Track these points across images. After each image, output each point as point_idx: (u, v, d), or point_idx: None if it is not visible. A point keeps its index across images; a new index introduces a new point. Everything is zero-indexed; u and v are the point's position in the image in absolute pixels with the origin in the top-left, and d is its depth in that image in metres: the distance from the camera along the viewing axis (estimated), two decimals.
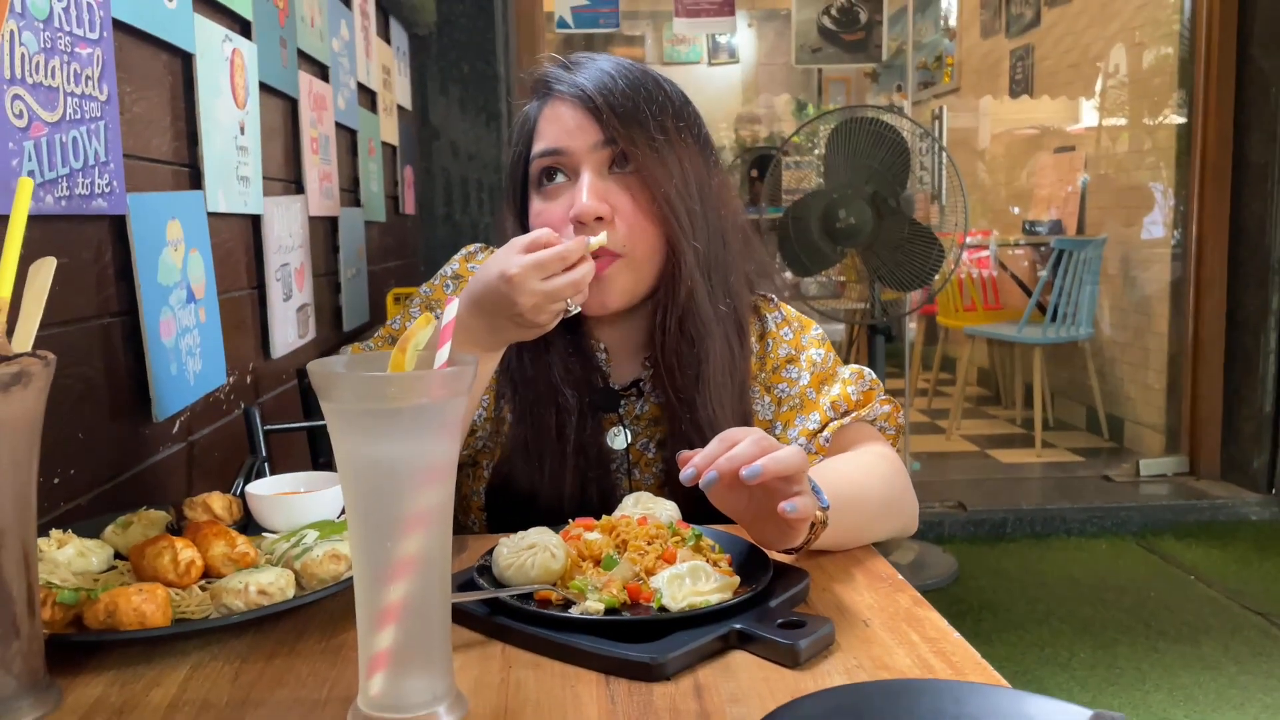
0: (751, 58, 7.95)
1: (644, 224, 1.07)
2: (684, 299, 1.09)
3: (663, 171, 1.06)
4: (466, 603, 0.78)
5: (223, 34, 1.47)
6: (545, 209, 1.09)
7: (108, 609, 0.71)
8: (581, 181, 1.06)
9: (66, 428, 1.02)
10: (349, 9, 2.39)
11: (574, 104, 1.08)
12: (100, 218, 1.11)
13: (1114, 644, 2.71)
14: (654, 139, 1.07)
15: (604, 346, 1.16)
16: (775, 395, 1.18)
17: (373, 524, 0.62)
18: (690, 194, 1.08)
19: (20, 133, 0.93)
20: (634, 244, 1.07)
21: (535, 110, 1.12)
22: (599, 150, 1.06)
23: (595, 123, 1.07)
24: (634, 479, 1.15)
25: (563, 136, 1.07)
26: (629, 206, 1.06)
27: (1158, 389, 4.25)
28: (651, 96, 1.09)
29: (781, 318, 1.22)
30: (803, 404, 1.15)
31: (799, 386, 1.16)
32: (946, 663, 0.72)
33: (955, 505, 3.70)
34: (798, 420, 1.14)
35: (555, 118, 1.09)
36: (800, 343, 1.19)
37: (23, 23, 0.94)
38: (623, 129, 1.06)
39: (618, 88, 1.08)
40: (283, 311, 1.75)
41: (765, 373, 1.18)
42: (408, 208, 3.14)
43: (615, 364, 1.17)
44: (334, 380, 0.61)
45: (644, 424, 1.16)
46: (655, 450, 1.15)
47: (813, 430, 1.12)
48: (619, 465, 1.15)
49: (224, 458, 1.46)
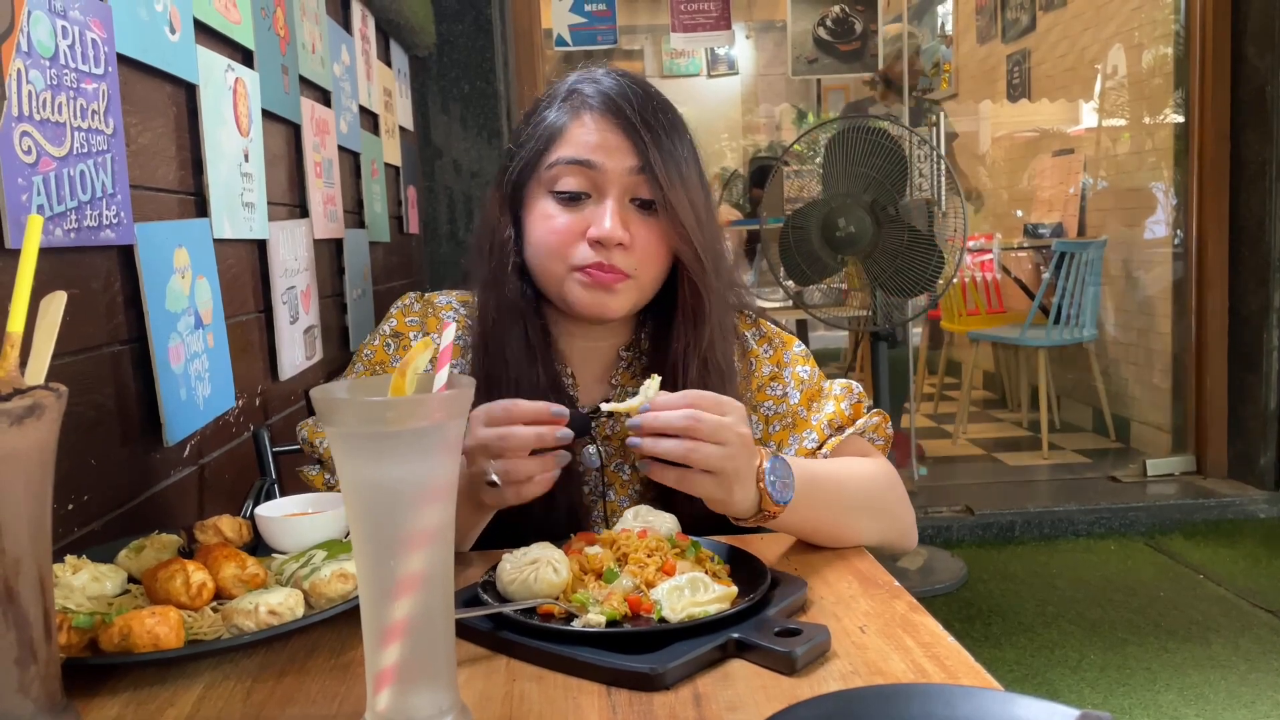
0: (750, 68, 7.99)
1: (657, 254, 1.09)
2: (706, 339, 1.11)
3: (685, 208, 1.07)
4: (471, 618, 0.80)
5: (225, 64, 1.50)
6: (558, 217, 1.08)
7: (122, 632, 0.73)
8: (607, 205, 1.06)
9: (79, 454, 1.04)
10: (349, 34, 2.42)
11: (612, 121, 1.08)
12: (109, 248, 1.13)
13: (1124, 644, 2.72)
14: (679, 170, 1.08)
15: (570, 371, 1.17)
16: (763, 414, 1.18)
17: (377, 543, 0.64)
18: (702, 228, 1.09)
19: (29, 168, 0.96)
20: (644, 270, 1.09)
21: (564, 115, 1.10)
22: (630, 176, 1.07)
23: (633, 147, 1.07)
24: (609, 500, 1.15)
25: (597, 151, 1.07)
26: (645, 237, 1.08)
27: (1163, 389, 4.25)
28: (673, 123, 1.11)
29: (760, 334, 1.22)
30: (795, 423, 1.16)
31: (788, 405, 1.17)
32: (940, 667, 0.73)
33: (963, 509, 3.70)
34: (791, 439, 1.15)
35: (590, 129, 1.08)
36: (782, 359, 1.20)
37: (29, 61, 0.96)
38: (659, 158, 1.06)
39: (651, 111, 1.09)
40: (290, 334, 1.77)
41: (751, 392, 1.18)
42: (412, 227, 3.16)
43: (582, 387, 1.18)
44: (336, 405, 0.63)
45: (616, 444, 1.16)
46: (630, 471, 1.15)
47: (810, 449, 1.13)
48: (594, 487, 1.15)
49: (234, 479, 1.48)
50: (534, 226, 1.10)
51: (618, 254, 1.07)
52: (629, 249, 1.07)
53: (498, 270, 1.13)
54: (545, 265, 1.10)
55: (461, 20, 3.38)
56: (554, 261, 1.09)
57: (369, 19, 2.64)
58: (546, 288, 1.12)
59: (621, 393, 1.17)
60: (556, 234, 1.08)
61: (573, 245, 1.07)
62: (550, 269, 1.10)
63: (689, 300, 1.11)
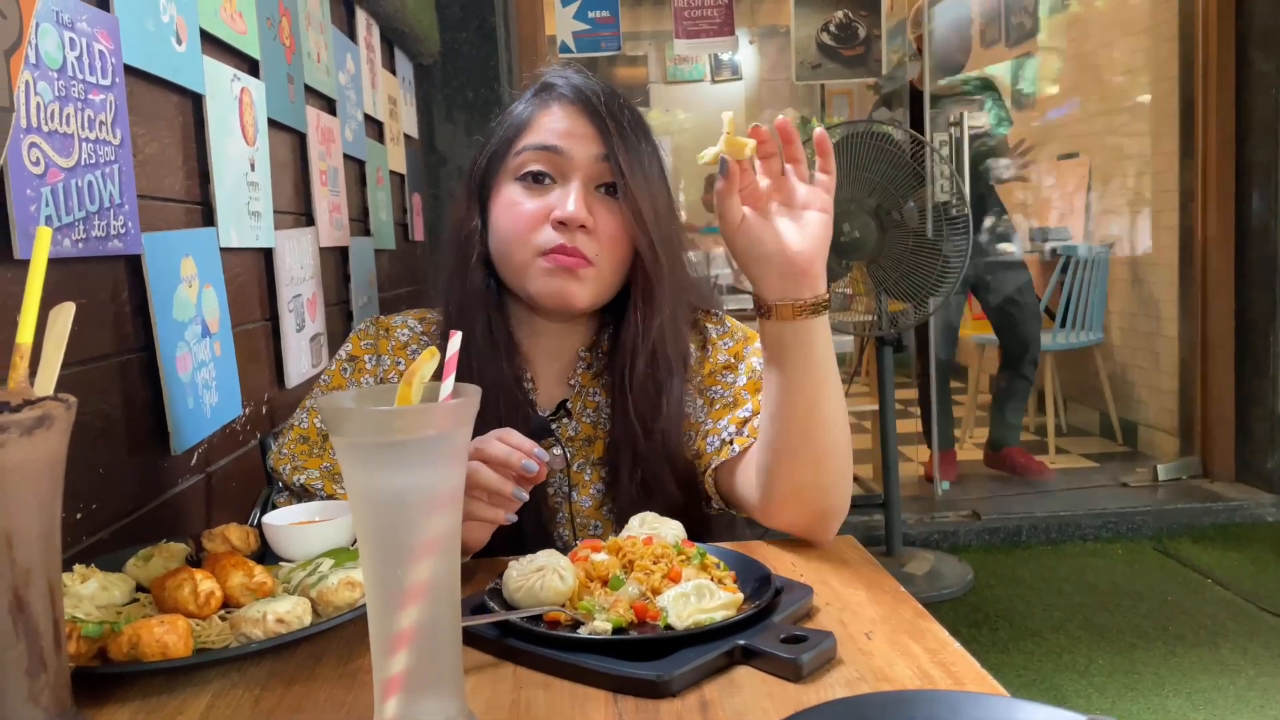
0: (754, 74, 7.99)
1: (618, 242, 1.11)
2: (656, 330, 1.12)
3: (645, 199, 1.10)
4: (477, 625, 0.80)
5: (231, 74, 1.51)
6: (524, 202, 1.10)
7: (131, 641, 0.73)
8: (571, 187, 1.09)
9: (88, 463, 1.05)
10: (354, 43, 2.43)
11: (579, 110, 1.11)
12: (116, 258, 1.14)
13: (1132, 649, 2.71)
14: (642, 163, 1.10)
15: (530, 375, 1.18)
16: (708, 397, 1.18)
17: (384, 552, 0.64)
18: (660, 222, 1.11)
19: (38, 179, 0.97)
20: (605, 257, 1.10)
21: (533, 107, 1.14)
22: (596, 163, 1.10)
23: (598, 135, 1.10)
24: (574, 502, 1.16)
25: (564, 137, 1.10)
26: (608, 222, 1.10)
27: (1170, 392, 4.24)
28: (638, 121, 1.14)
29: (725, 330, 1.22)
30: (735, 400, 1.15)
31: (733, 389, 1.16)
32: (947, 673, 0.73)
33: (970, 514, 3.70)
34: (727, 416, 1.13)
35: (558, 117, 1.12)
36: (742, 352, 1.19)
37: (37, 73, 0.97)
38: (623, 149, 1.09)
39: (618, 107, 1.12)
40: (296, 342, 1.78)
41: (701, 376, 1.19)
42: (417, 234, 3.17)
43: (541, 386, 1.19)
44: (343, 415, 0.63)
45: (578, 444, 1.17)
46: (591, 470, 1.16)
47: (744, 419, 1.11)
48: (557, 489, 1.15)
49: (241, 487, 1.49)
50: (500, 214, 1.12)
51: (580, 236, 1.08)
52: (592, 233, 1.09)
53: (463, 262, 1.15)
54: (509, 252, 1.11)
55: (465, 28, 3.39)
56: (518, 247, 1.10)
57: (373, 27, 2.65)
58: (509, 279, 1.14)
59: (580, 391, 1.18)
60: (521, 218, 1.10)
61: (537, 229, 1.09)
62: (514, 255, 1.11)
63: (642, 290, 1.13)
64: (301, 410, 1.18)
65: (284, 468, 1.13)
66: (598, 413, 1.18)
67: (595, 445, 1.17)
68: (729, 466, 1.10)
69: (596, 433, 1.17)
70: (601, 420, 1.18)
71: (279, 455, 1.14)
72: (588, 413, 1.18)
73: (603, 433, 1.17)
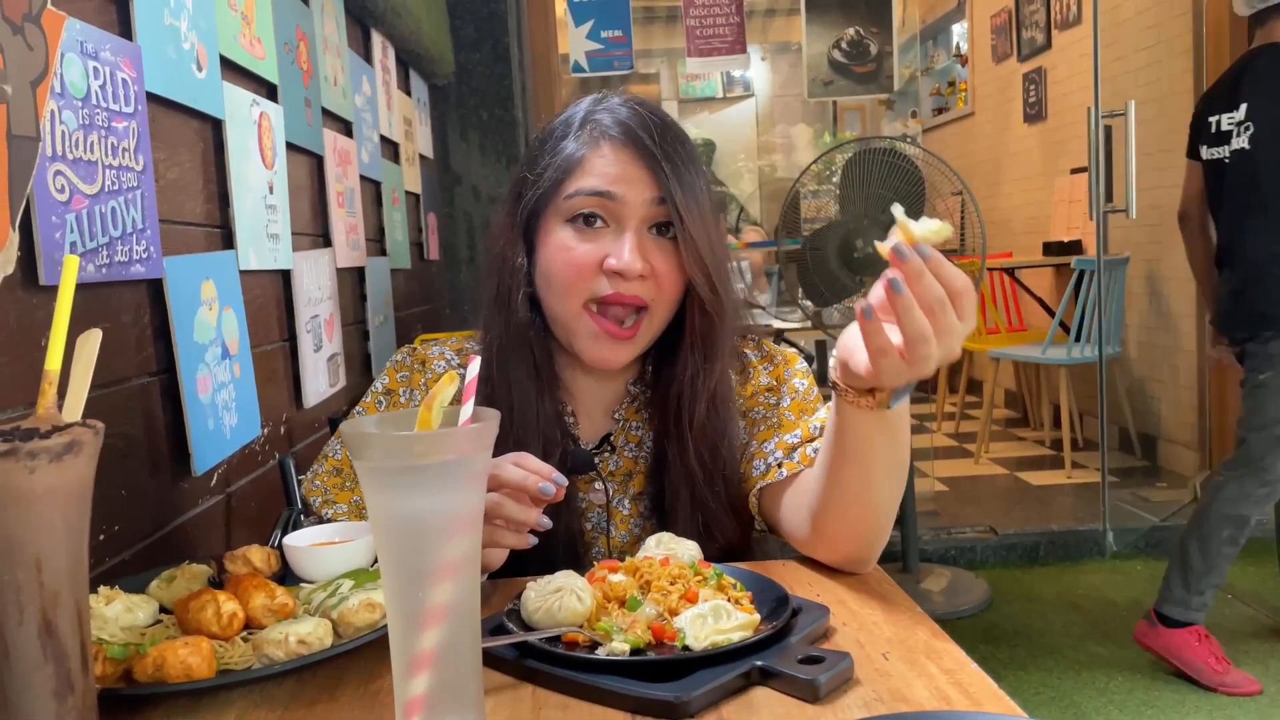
0: (766, 90, 8.03)
1: (673, 283, 1.09)
2: (719, 373, 1.11)
3: (702, 240, 1.07)
4: (496, 646, 0.81)
5: (250, 98, 1.53)
6: (576, 247, 1.07)
7: (156, 662, 0.74)
8: (626, 238, 1.06)
9: (110, 485, 1.06)
10: (370, 65, 2.46)
11: (631, 152, 1.07)
12: (138, 282, 1.16)
13: (1151, 665, 2.69)
14: (697, 200, 1.07)
15: (571, 410, 1.16)
16: (751, 418, 1.17)
17: (405, 574, 0.65)
18: (715, 255, 1.08)
19: (63, 206, 0.98)
20: (661, 299, 1.08)
21: (582, 146, 1.09)
22: (650, 206, 1.06)
23: (652, 177, 1.06)
24: (611, 536, 1.15)
25: (617, 182, 1.06)
26: (663, 265, 1.07)
27: (1188, 406, 4.22)
28: (691, 156, 1.10)
29: (763, 354, 1.21)
30: (781, 424, 1.14)
31: (778, 411, 1.15)
32: (964, 694, 0.73)
33: (986, 530, 3.68)
34: (775, 437, 1.13)
35: (609, 160, 1.07)
36: (783, 375, 1.18)
37: (62, 102, 0.99)
38: (678, 188, 1.06)
39: (669, 142, 1.08)
40: (313, 362, 1.79)
41: (744, 398, 1.17)
42: (432, 254, 3.19)
43: (583, 423, 1.17)
44: (365, 440, 0.64)
45: (618, 479, 1.16)
46: (630, 505, 1.15)
47: (791, 445, 1.10)
48: (596, 524, 1.15)
49: (261, 506, 1.50)
50: (550, 258, 1.09)
51: (636, 284, 1.07)
52: (647, 278, 1.07)
53: (506, 296, 1.12)
54: (559, 301, 1.09)
55: (479, 49, 3.42)
56: (569, 297, 1.08)
57: (389, 50, 2.68)
58: (556, 327, 1.12)
59: (624, 426, 1.17)
60: (573, 266, 1.07)
61: (590, 278, 1.07)
62: (564, 306, 1.09)
63: (700, 328, 1.10)
64: (336, 440, 1.18)
65: (315, 500, 1.13)
66: (639, 447, 1.16)
67: (635, 480, 1.16)
68: (774, 490, 1.10)
69: (637, 467, 1.16)
70: (643, 454, 1.16)
71: (311, 487, 1.14)
72: (629, 447, 1.16)
73: (644, 467, 1.15)
